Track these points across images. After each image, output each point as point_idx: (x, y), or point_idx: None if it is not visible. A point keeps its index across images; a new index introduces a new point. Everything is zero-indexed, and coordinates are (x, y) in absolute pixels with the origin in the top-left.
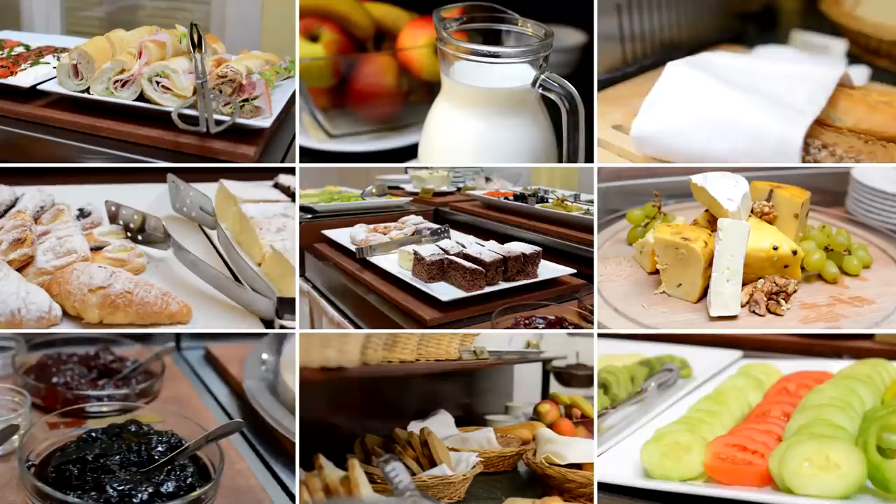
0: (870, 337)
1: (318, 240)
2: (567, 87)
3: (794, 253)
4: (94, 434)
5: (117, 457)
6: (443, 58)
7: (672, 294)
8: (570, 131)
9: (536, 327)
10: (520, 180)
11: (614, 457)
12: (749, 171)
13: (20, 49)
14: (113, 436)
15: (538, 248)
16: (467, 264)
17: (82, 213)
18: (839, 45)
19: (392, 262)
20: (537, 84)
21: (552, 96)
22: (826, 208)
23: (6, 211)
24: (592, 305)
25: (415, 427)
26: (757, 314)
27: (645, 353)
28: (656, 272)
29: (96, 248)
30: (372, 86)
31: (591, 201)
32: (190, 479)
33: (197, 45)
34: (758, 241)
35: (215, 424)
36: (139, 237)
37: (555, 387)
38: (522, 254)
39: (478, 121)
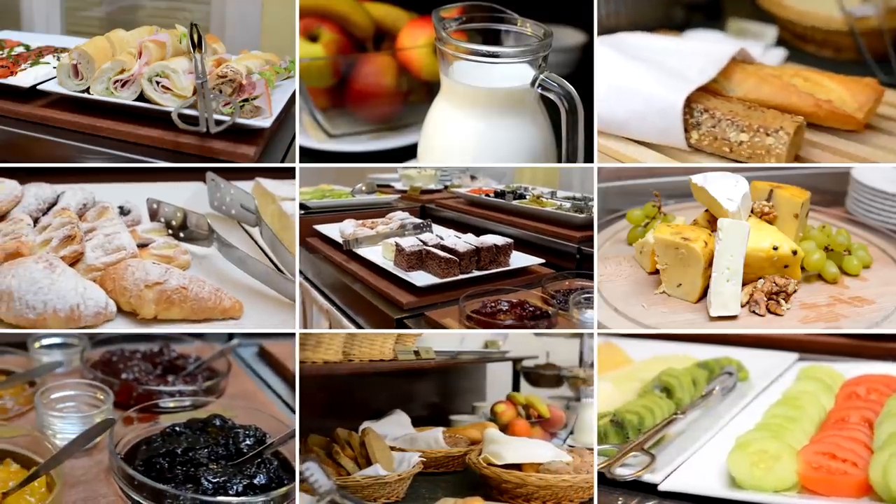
0: None
1: (310, 234)
2: (566, 86)
3: (794, 253)
4: (177, 428)
5: (205, 450)
6: (442, 58)
7: (672, 294)
8: (569, 131)
9: (501, 309)
10: (504, 178)
11: (695, 465)
12: (749, 171)
13: (20, 49)
14: (197, 430)
15: (510, 240)
16: (442, 254)
17: (122, 211)
18: (771, 32)
19: (377, 254)
20: (536, 84)
21: (551, 96)
22: (826, 208)
23: (49, 209)
24: (556, 291)
25: (367, 427)
26: (757, 314)
27: (693, 355)
28: (656, 272)
29: (141, 246)
30: (371, 86)
31: (569, 198)
32: (277, 471)
33: (197, 45)
34: (758, 241)
35: (286, 420)
36: (181, 234)
37: (525, 387)
38: (495, 245)
39: (477, 121)
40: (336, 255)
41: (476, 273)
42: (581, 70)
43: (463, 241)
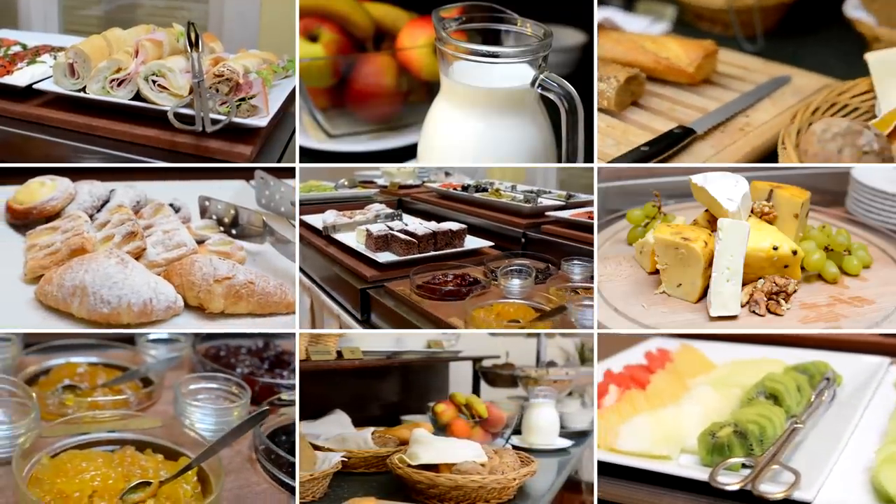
0: None
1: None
2: (566, 86)
3: (794, 253)
4: None
5: None
6: (442, 58)
7: (672, 294)
8: (569, 131)
9: (446, 279)
10: (475, 175)
11: (838, 481)
12: (749, 171)
13: (17, 48)
14: None
15: (464, 226)
16: (403, 236)
17: (173, 208)
18: (671, 10)
19: (351, 239)
20: (536, 84)
21: (551, 96)
22: (826, 208)
23: (101, 206)
24: (496, 267)
25: (305, 427)
26: (757, 314)
27: (782, 359)
28: (656, 272)
29: (198, 242)
30: (371, 86)
31: (525, 191)
32: None
33: (194, 44)
34: (758, 241)
35: None
36: (232, 231)
37: (483, 387)
38: (450, 230)
39: (477, 121)
40: (317, 241)
41: (433, 253)
42: (581, 70)
43: (423, 227)
